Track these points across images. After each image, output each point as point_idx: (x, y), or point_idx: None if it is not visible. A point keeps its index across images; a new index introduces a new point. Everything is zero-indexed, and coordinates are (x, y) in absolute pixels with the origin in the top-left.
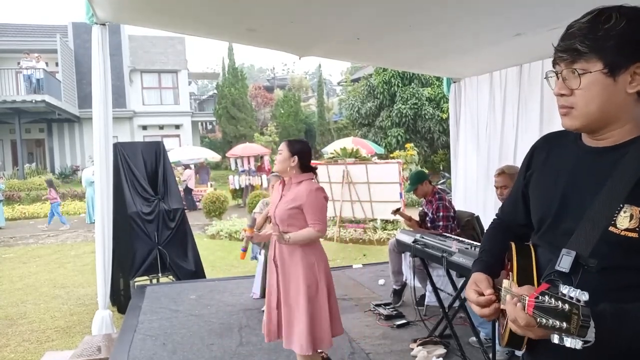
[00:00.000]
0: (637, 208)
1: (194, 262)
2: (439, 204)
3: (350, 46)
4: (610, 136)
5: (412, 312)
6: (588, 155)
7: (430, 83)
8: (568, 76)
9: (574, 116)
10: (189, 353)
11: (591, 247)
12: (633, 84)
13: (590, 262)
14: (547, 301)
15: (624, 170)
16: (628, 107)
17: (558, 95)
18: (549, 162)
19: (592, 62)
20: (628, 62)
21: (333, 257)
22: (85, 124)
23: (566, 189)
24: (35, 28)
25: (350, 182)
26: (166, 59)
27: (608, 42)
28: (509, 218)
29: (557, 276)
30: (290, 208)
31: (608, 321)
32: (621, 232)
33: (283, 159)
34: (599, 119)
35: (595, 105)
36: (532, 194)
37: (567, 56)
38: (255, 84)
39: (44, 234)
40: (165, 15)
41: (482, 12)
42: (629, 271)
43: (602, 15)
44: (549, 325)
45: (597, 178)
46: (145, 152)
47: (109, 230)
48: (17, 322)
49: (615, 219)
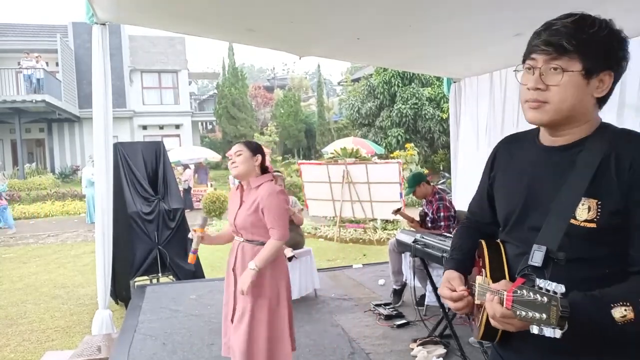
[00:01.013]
0: (594, 200)
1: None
2: (440, 204)
3: (350, 46)
4: (568, 134)
5: (412, 312)
6: (547, 153)
7: (431, 83)
8: (546, 71)
9: (545, 110)
10: (189, 353)
11: (559, 240)
12: (599, 89)
13: (559, 256)
14: (525, 295)
15: (581, 165)
16: (590, 110)
17: (532, 89)
18: (512, 162)
19: (573, 62)
20: (600, 69)
21: (333, 257)
22: (85, 124)
23: (529, 187)
24: (35, 28)
25: (350, 182)
26: (166, 59)
27: (591, 46)
28: (477, 218)
29: (531, 270)
30: (252, 214)
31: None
32: (581, 224)
33: (245, 159)
34: (566, 116)
35: (568, 103)
36: (497, 194)
37: (551, 50)
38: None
39: (44, 234)
40: (166, 15)
41: (482, 12)
42: (593, 262)
43: (587, 20)
44: (528, 318)
45: (556, 174)
46: (146, 152)
47: (109, 230)
48: (17, 321)
49: (575, 212)
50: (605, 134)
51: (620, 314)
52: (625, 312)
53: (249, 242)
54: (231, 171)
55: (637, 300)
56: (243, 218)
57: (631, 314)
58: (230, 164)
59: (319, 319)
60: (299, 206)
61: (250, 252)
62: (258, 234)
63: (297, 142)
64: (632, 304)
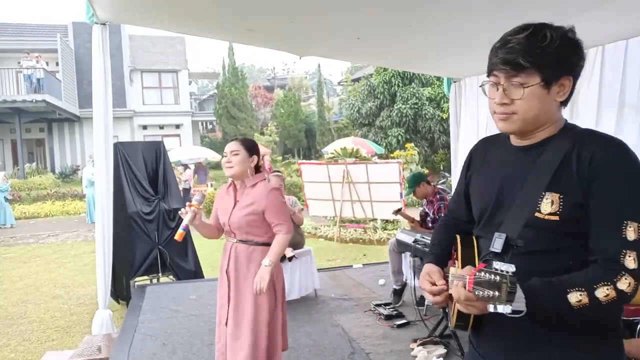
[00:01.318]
0: (557, 194)
1: (194, 262)
2: (440, 204)
3: (351, 46)
4: (535, 135)
5: (412, 312)
6: (516, 153)
7: (431, 83)
8: (509, 87)
9: (513, 121)
10: (189, 353)
11: (519, 229)
12: (560, 94)
13: (518, 243)
14: (482, 276)
15: (544, 163)
16: (554, 112)
17: (499, 104)
18: (486, 163)
19: (531, 76)
20: (559, 75)
21: (333, 257)
22: (85, 124)
23: (500, 185)
24: (35, 28)
25: (351, 182)
26: (166, 58)
27: (546, 59)
28: (454, 215)
29: (492, 256)
30: (249, 214)
31: (537, 291)
32: (545, 217)
33: (242, 160)
34: (533, 124)
35: (533, 112)
36: (472, 192)
37: (509, 69)
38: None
39: (44, 234)
40: (166, 15)
41: (482, 12)
42: (558, 254)
43: (539, 34)
44: (485, 296)
45: (523, 172)
46: (146, 151)
47: (109, 230)
48: (17, 321)
49: (539, 205)
50: (569, 134)
51: (575, 298)
52: (581, 297)
53: (243, 242)
54: (225, 171)
55: (591, 286)
56: (238, 217)
57: (586, 299)
58: (225, 162)
59: (319, 319)
60: (299, 206)
61: (244, 252)
62: (253, 233)
63: (297, 142)
64: (586, 290)
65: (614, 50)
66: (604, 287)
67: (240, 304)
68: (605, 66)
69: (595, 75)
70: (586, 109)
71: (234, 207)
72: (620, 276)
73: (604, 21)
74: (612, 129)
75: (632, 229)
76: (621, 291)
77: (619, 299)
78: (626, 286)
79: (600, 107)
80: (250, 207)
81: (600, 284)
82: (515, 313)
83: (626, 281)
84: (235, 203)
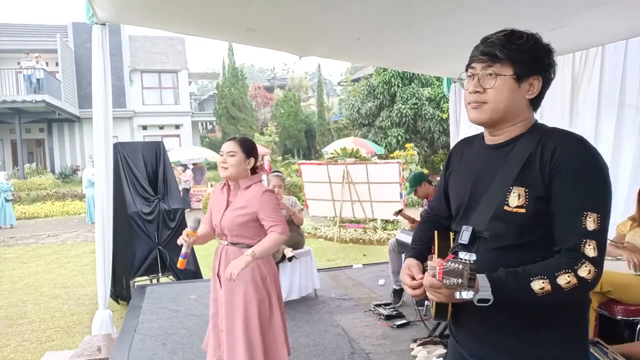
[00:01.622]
0: (522, 188)
1: (194, 262)
2: None
3: (350, 46)
4: (505, 132)
5: (412, 312)
6: (488, 151)
7: (431, 83)
8: (483, 77)
9: (484, 110)
10: (189, 353)
11: (486, 221)
12: (529, 92)
13: (484, 234)
14: (449, 266)
15: (512, 159)
16: (523, 109)
17: (472, 93)
18: (462, 162)
19: (505, 68)
20: (529, 74)
21: (333, 257)
22: (85, 124)
23: (474, 182)
24: (35, 28)
25: (350, 182)
26: (166, 59)
27: (519, 55)
28: (435, 212)
29: (460, 248)
30: (241, 216)
31: (503, 280)
32: (513, 210)
33: (238, 161)
34: (502, 115)
35: (503, 103)
36: (450, 190)
37: (486, 59)
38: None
39: (44, 234)
40: (166, 15)
41: (482, 12)
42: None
43: (516, 34)
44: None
45: (494, 169)
46: (146, 152)
47: (109, 230)
48: (17, 322)
49: (507, 199)
50: (536, 132)
51: (538, 286)
52: (543, 284)
53: (234, 244)
54: (220, 171)
55: (553, 274)
56: (230, 219)
57: (548, 286)
58: (221, 163)
59: (319, 319)
60: (299, 206)
61: (234, 255)
62: (244, 236)
63: (297, 142)
64: (548, 277)
65: (614, 50)
66: (565, 274)
67: (232, 308)
68: (605, 66)
69: (595, 75)
70: (586, 109)
71: (225, 209)
72: (581, 264)
73: (604, 21)
74: (612, 129)
75: (592, 219)
76: (582, 278)
77: (581, 286)
78: (586, 273)
79: (600, 107)
80: (243, 209)
81: (562, 272)
82: (482, 302)
83: (586, 268)
84: (228, 204)
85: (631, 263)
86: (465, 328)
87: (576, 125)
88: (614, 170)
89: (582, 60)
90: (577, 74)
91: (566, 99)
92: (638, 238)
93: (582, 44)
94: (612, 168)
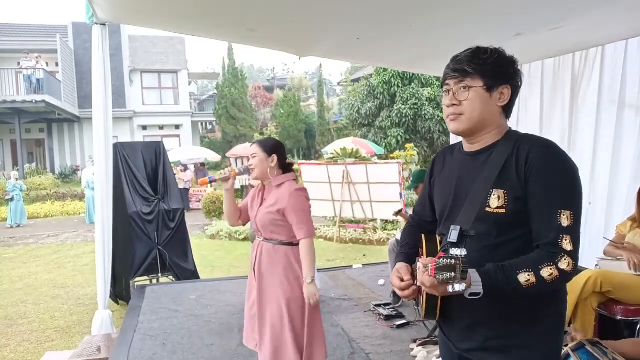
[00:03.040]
0: (502, 190)
1: (194, 262)
2: None
3: (351, 46)
4: (482, 139)
5: (412, 312)
6: (467, 158)
7: (430, 83)
8: (457, 91)
9: (461, 120)
10: (189, 353)
11: (471, 221)
12: (501, 100)
13: (470, 233)
14: (442, 262)
15: (491, 164)
16: (497, 117)
17: (449, 106)
18: (444, 169)
19: (475, 80)
20: (498, 83)
21: (333, 257)
22: (85, 124)
23: (456, 187)
24: (35, 28)
25: (350, 182)
26: (166, 59)
27: (486, 67)
28: (420, 217)
29: (450, 246)
30: (272, 213)
31: (492, 274)
32: (494, 210)
33: (260, 161)
34: (478, 124)
35: (477, 112)
36: (435, 195)
37: (458, 75)
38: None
39: (44, 234)
40: (166, 15)
41: (482, 12)
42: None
43: (481, 50)
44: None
45: (474, 173)
46: (145, 152)
47: (109, 230)
48: (17, 322)
49: (489, 201)
50: (511, 138)
51: (524, 278)
52: (529, 277)
53: (268, 240)
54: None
55: (537, 267)
56: (262, 216)
57: (533, 279)
58: (249, 166)
59: None
60: None
61: (268, 251)
62: (277, 232)
63: (297, 142)
64: (533, 270)
65: (614, 50)
66: (547, 267)
67: (265, 301)
68: (605, 66)
69: (595, 75)
70: (586, 109)
71: (260, 206)
72: (561, 257)
73: (604, 21)
74: (612, 129)
75: (565, 216)
76: (562, 270)
77: (562, 277)
78: (566, 265)
79: (600, 107)
80: (274, 206)
81: (544, 265)
82: (474, 295)
83: (565, 261)
84: (262, 202)
85: (631, 263)
86: (452, 320)
87: (576, 125)
88: (614, 170)
89: (582, 60)
90: (577, 74)
91: (566, 99)
92: (638, 238)
93: (582, 44)
94: (612, 168)
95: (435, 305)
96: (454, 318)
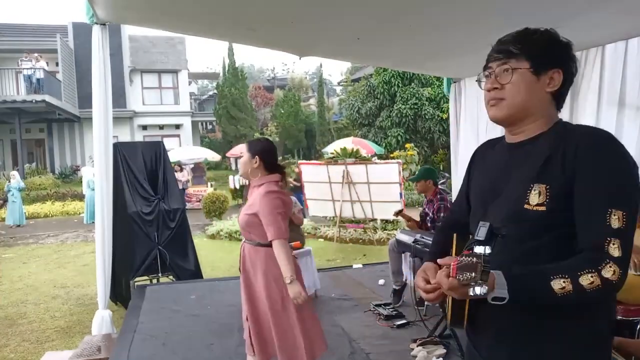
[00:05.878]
0: (543, 185)
1: (194, 262)
2: (441, 204)
3: (351, 46)
4: (526, 129)
5: (412, 312)
6: (509, 150)
7: (430, 83)
8: (500, 73)
9: (502, 106)
10: (189, 353)
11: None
12: (550, 85)
13: (502, 231)
14: (463, 261)
15: (533, 156)
16: (544, 104)
17: (490, 90)
18: (485, 164)
19: (521, 62)
20: (547, 67)
21: (333, 257)
22: (85, 124)
23: (495, 181)
24: (35, 28)
25: (350, 182)
26: (166, 59)
27: (534, 47)
28: (456, 216)
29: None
30: (247, 214)
31: (520, 278)
32: (533, 208)
33: (244, 161)
34: (521, 110)
35: (521, 97)
36: (472, 192)
37: (502, 56)
38: (255, 84)
39: (44, 234)
40: (166, 15)
41: (482, 12)
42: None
43: (530, 30)
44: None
45: (515, 166)
46: (146, 152)
47: (109, 230)
48: (17, 322)
49: (528, 197)
50: (559, 129)
51: (559, 285)
52: (564, 284)
53: (248, 241)
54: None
55: (575, 274)
56: (241, 217)
57: (570, 286)
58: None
59: None
60: (299, 206)
61: (249, 251)
62: (254, 233)
63: (297, 142)
64: (570, 277)
65: (614, 50)
66: (588, 274)
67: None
68: (605, 66)
69: (595, 75)
70: (586, 109)
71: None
72: (605, 264)
73: (604, 21)
74: (612, 129)
75: (616, 217)
76: (606, 279)
77: (605, 287)
78: (611, 274)
79: (600, 107)
80: (250, 207)
81: (585, 272)
82: (497, 300)
83: (611, 269)
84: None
85: (631, 263)
86: (480, 329)
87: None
88: None
89: (582, 60)
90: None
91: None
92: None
93: (582, 44)
94: None
95: (462, 311)
96: (482, 325)
